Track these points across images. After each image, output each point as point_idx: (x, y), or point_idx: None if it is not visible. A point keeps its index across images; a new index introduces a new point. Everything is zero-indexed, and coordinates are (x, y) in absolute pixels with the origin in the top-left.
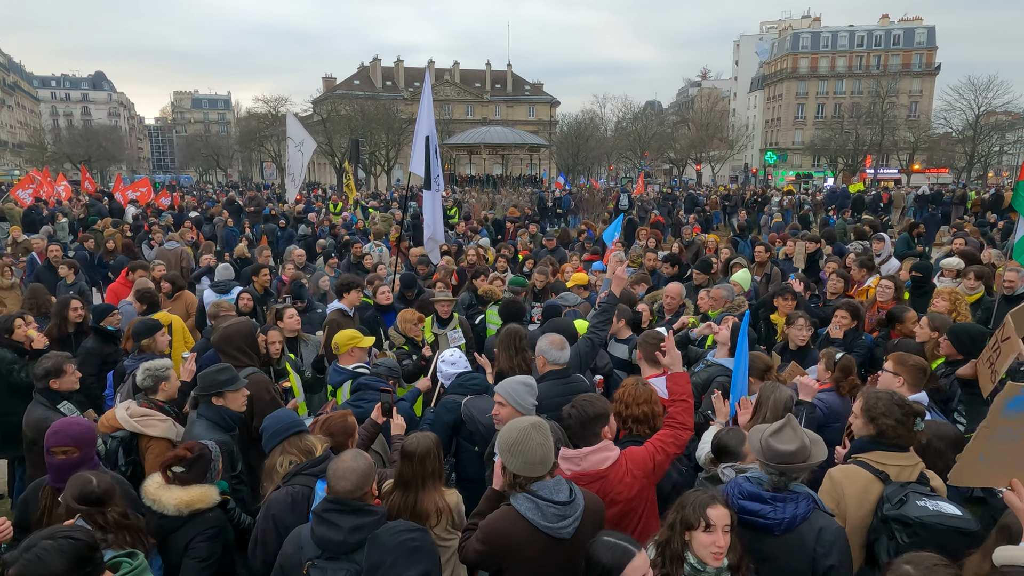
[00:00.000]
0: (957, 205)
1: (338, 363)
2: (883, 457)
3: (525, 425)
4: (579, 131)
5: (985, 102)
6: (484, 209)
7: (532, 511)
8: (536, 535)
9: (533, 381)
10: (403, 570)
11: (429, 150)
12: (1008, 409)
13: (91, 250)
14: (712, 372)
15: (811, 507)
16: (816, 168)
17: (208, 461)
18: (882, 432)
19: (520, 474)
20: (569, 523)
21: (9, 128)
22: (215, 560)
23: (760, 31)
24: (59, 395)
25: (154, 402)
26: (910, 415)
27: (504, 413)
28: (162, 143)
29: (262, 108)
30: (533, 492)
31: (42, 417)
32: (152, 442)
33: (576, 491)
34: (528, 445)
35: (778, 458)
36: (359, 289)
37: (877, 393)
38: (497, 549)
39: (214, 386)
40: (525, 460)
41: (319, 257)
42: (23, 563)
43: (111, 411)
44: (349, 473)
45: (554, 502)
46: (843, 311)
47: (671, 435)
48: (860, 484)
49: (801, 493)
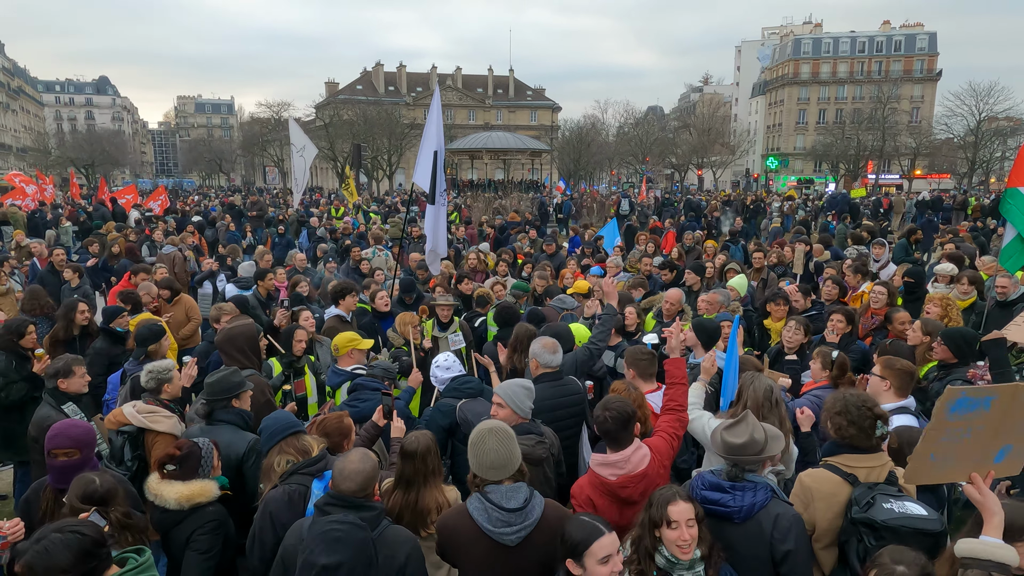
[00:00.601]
0: (958, 211)
1: (337, 365)
2: (851, 460)
3: (484, 428)
4: (581, 136)
5: (986, 108)
6: (484, 214)
7: (479, 512)
8: (481, 537)
9: (531, 385)
10: (318, 556)
11: (436, 165)
12: (952, 412)
13: (95, 254)
14: (694, 373)
15: (769, 496)
16: (818, 173)
17: (198, 458)
18: (837, 432)
19: (477, 474)
20: (514, 531)
21: (13, 132)
22: (216, 553)
23: (762, 37)
24: (66, 396)
25: (160, 400)
26: (868, 418)
27: (502, 414)
28: (165, 147)
29: (265, 113)
30: (485, 494)
31: (45, 417)
32: (158, 438)
33: (535, 502)
34: (482, 447)
35: (729, 450)
36: (354, 294)
37: (842, 394)
38: (446, 543)
39: (231, 389)
40: (479, 461)
41: (320, 261)
42: (31, 555)
43: (118, 409)
44: (356, 475)
45: (502, 508)
46: (839, 315)
47: (675, 419)
48: (828, 487)
49: (759, 483)
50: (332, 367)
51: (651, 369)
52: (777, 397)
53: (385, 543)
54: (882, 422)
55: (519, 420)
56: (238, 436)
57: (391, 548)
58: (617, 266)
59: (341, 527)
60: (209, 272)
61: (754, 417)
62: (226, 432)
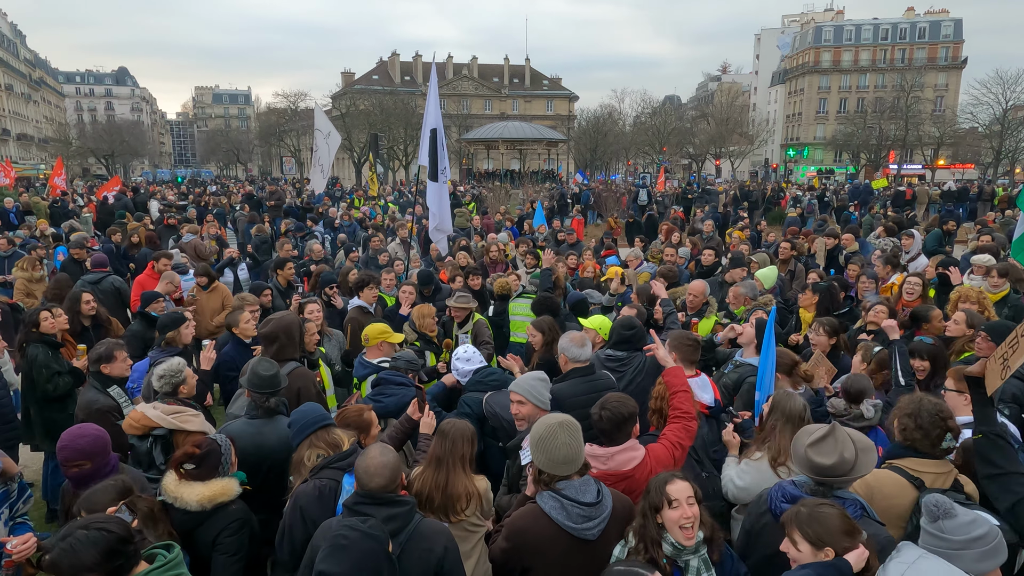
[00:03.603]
0: (985, 201)
1: (364, 356)
2: (918, 464)
3: (553, 423)
4: (597, 126)
5: (1013, 96)
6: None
7: (557, 510)
8: (560, 535)
9: (544, 375)
10: (320, 562)
11: (437, 143)
12: None
13: (117, 242)
14: (742, 372)
15: (860, 514)
16: (838, 163)
17: (218, 455)
18: (902, 433)
19: (545, 471)
20: (595, 524)
21: (35, 123)
22: (244, 553)
23: (782, 24)
24: (110, 379)
25: (181, 401)
26: (939, 428)
27: (524, 411)
28: (184, 138)
29: (282, 103)
30: (559, 491)
31: (92, 400)
32: (188, 437)
33: (605, 492)
34: (554, 443)
35: (816, 471)
36: (373, 286)
37: (919, 397)
38: (520, 547)
39: (275, 383)
40: (550, 457)
41: (339, 251)
42: (57, 552)
43: (139, 412)
44: (381, 469)
45: (580, 502)
46: (882, 307)
47: (682, 428)
48: (890, 489)
49: (848, 499)
50: (360, 358)
51: (694, 356)
52: (808, 418)
53: (422, 536)
54: (952, 435)
55: (540, 413)
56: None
57: (429, 540)
58: (637, 257)
59: (350, 535)
60: (229, 260)
61: (843, 431)
62: (281, 423)
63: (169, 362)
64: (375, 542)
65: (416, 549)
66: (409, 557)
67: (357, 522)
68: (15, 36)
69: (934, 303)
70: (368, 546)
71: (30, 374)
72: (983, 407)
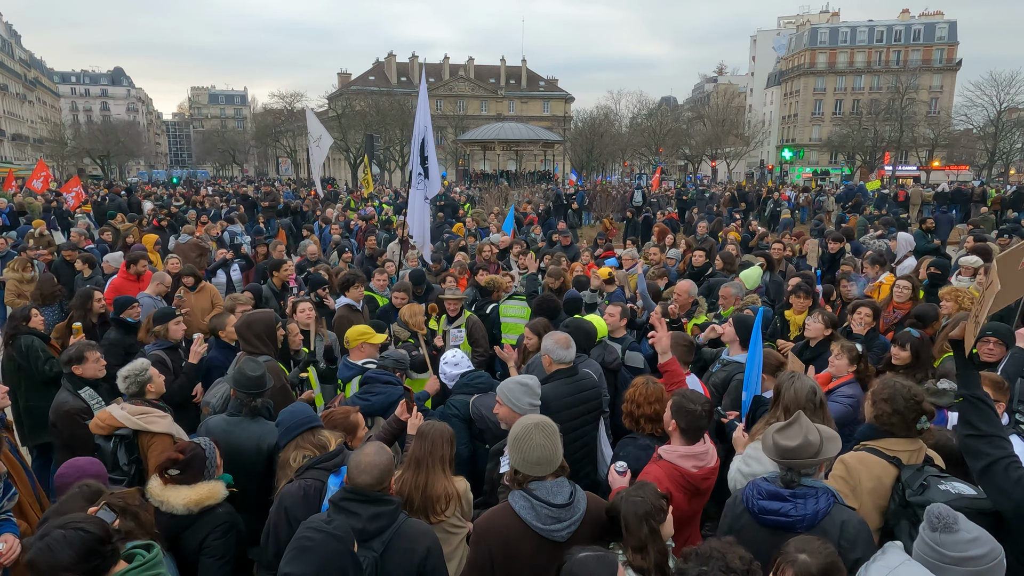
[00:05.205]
0: (976, 203)
1: (348, 358)
2: (893, 444)
3: (530, 423)
4: (593, 127)
5: (1007, 98)
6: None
7: (526, 510)
8: (528, 535)
9: (533, 381)
10: (285, 565)
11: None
12: None
13: (109, 243)
14: (730, 370)
15: (832, 501)
16: (833, 165)
17: (203, 460)
18: (877, 418)
19: (520, 470)
20: (564, 527)
21: (30, 123)
22: (232, 555)
23: (777, 26)
24: (82, 381)
25: (148, 402)
26: (915, 411)
27: (502, 412)
28: (179, 138)
29: (278, 104)
30: (530, 491)
31: (63, 402)
32: (154, 439)
33: (579, 496)
34: (529, 443)
35: (782, 453)
36: (359, 284)
37: (893, 381)
38: (491, 545)
39: (261, 384)
40: (524, 457)
41: (334, 251)
42: (34, 551)
43: (105, 411)
44: (372, 467)
45: (550, 504)
46: (866, 308)
47: None
48: (875, 470)
49: (820, 488)
50: (344, 360)
51: (688, 357)
52: (821, 399)
53: (406, 536)
54: (927, 417)
55: (515, 417)
56: (268, 427)
57: (412, 540)
58: (633, 258)
59: (315, 536)
60: (223, 261)
61: (807, 418)
62: (256, 424)
63: (133, 363)
64: (340, 543)
65: (399, 549)
66: (392, 557)
67: (322, 523)
68: (10, 36)
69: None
70: (333, 547)
71: (22, 364)
72: (965, 370)
